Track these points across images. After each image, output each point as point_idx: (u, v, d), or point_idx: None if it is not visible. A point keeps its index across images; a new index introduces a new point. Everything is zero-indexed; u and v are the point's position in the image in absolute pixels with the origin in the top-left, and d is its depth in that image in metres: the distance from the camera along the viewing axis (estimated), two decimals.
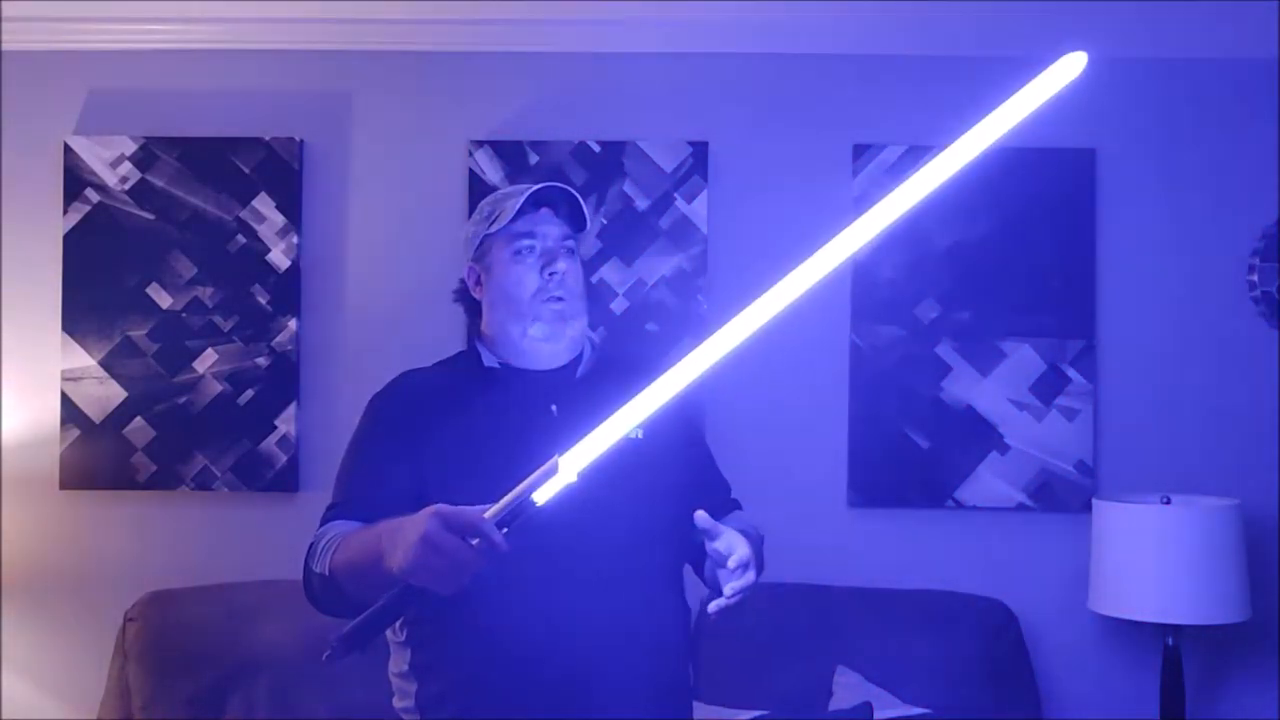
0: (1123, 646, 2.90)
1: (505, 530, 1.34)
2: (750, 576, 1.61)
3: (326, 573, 1.57)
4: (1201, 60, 2.95)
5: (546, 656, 1.62)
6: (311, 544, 1.64)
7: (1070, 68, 1.34)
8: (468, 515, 1.34)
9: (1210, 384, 2.94)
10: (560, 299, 1.77)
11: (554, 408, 1.75)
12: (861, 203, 2.95)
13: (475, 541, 1.33)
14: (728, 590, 1.60)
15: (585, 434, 1.36)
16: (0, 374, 2.97)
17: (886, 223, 1.36)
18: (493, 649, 1.64)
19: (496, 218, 1.79)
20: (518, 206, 1.77)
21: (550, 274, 1.77)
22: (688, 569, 1.83)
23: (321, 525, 1.68)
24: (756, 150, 3.00)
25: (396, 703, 1.76)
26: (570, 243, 1.81)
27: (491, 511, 1.34)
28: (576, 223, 1.84)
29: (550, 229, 1.80)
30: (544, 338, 1.77)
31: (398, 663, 1.75)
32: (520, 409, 1.74)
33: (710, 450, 1.99)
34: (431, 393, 1.78)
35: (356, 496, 1.69)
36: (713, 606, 1.61)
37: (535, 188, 1.79)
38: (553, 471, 1.33)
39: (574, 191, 1.82)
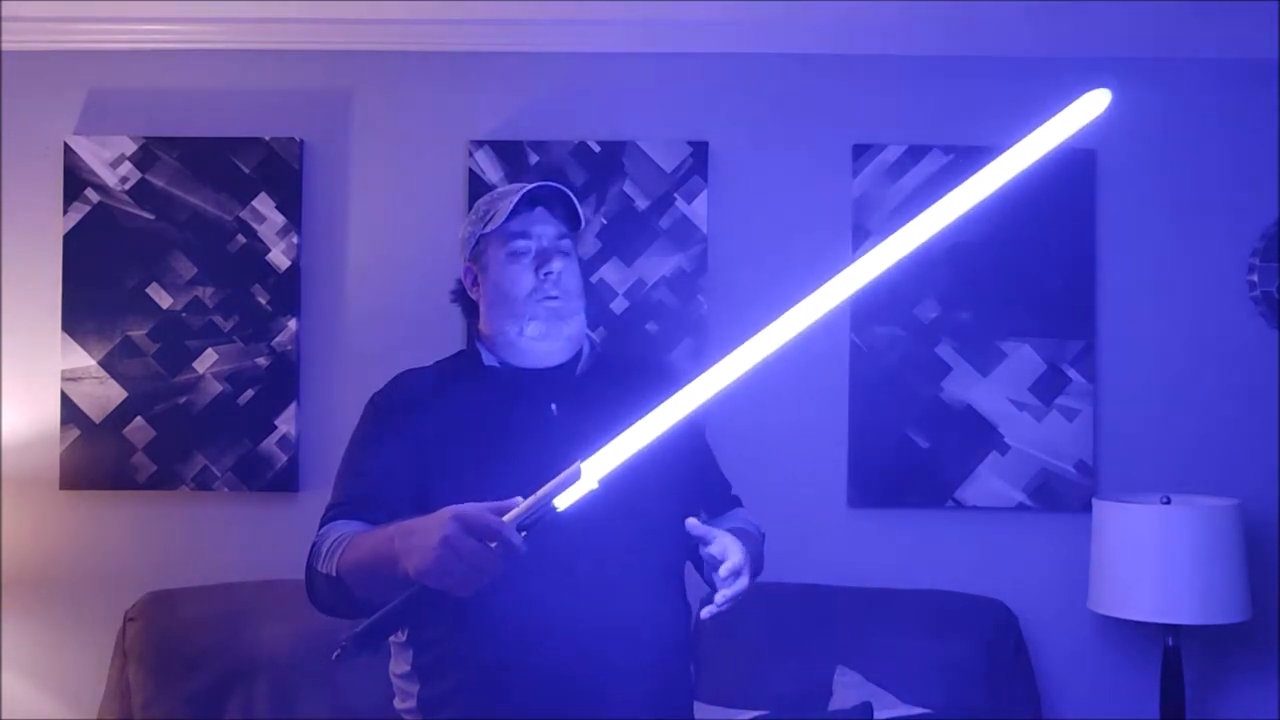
0: (1123, 646, 2.90)
1: (524, 534, 1.33)
2: (743, 583, 1.61)
3: (333, 573, 1.56)
4: (1201, 60, 2.95)
5: (548, 656, 1.62)
6: (314, 544, 1.63)
7: (1093, 105, 1.34)
8: (488, 519, 1.33)
9: (1210, 384, 2.94)
10: (555, 298, 1.76)
11: (553, 406, 1.75)
12: (861, 203, 2.96)
13: (494, 545, 1.33)
14: (719, 598, 1.60)
15: (592, 435, 1.36)
16: (0, 374, 2.97)
17: (899, 256, 1.36)
18: (494, 649, 1.63)
19: (491, 217, 1.79)
20: (512, 206, 1.77)
21: (545, 273, 1.77)
22: (689, 567, 1.83)
23: (322, 526, 1.67)
24: (756, 150, 3.00)
25: (398, 704, 1.76)
26: (565, 242, 1.81)
27: (511, 515, 1.33)
28: (572, 221, 1.83)
29: (545, 228, 1.80)
30: (540, 337, 1.77)
31: (400, 664, 1.75)
32: (520, 407, 1.74)
33: (710, 448, 1.99)
34: (431, 392, 1.77)
35: (357, 496, 1.69)
36: (704, 613, 1.62)
37: (529, 187, 1.78)
38: (575, 477, 1.33)
39: (568, 190, 1.81)
